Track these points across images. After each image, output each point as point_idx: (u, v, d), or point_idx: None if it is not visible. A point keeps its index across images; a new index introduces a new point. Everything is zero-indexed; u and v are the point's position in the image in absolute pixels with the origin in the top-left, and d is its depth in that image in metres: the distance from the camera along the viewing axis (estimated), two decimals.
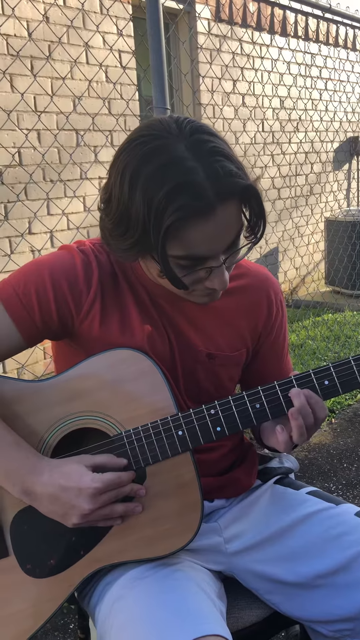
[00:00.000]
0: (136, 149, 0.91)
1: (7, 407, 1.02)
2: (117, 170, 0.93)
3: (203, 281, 0.98)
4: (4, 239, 3.36)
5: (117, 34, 3.90)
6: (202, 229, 0.90)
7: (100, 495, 0.96)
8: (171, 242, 0.91)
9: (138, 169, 0.90)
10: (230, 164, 0.91)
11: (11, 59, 3.29)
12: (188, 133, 0.91)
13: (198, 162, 0.88)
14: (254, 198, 0.94)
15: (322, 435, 3.14)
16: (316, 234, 6.23)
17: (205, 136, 0.91)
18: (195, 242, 0.92)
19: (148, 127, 0.94)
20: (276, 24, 5.45)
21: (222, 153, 0.91)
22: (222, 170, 0.89)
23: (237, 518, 1.17)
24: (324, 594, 1.06)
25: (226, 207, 0.91)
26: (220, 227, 0.92)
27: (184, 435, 1.01)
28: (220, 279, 0.97)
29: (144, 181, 0.89)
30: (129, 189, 0.91)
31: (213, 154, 0.90)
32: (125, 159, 0.92)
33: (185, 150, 0.89)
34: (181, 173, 0.88)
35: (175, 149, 0.89)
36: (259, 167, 5.20)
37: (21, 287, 1.03)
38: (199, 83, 4.63)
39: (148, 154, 0.90)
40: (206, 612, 0.92)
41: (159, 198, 0.87)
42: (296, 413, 0.98)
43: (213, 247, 0.94)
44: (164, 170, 0.88)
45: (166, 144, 0.90)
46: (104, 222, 0.98)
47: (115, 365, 1.03)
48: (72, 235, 3.71)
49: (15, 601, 1.02)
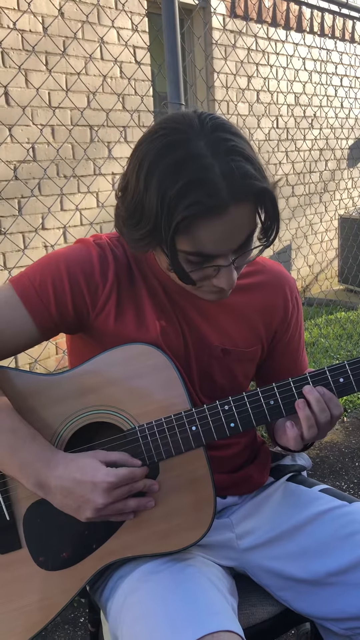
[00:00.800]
0: (156, 141, 0.91)
1: (22, 400, 1.03)
2: (136, 160, 0.93)
3: (211, 279, 0.98)
4: (17, 234, 3.38)
5: (132, 30, 3.89)
6: (212, 228, 0.90)
7: (114, 490, 0.96)
8: (181, 238, 0.91)
9: (155, 161, 0.90)
10: (249, 164, 0.90)
11: (26, 54, 3.30)
12: (209, 130, 0.90)
13: (215, 160, 0.88)
14: (269, 201, 0.94)
15: (334, 434, 3.13)
16: (330, 232, 6.19)
17: (227, 135, 0.91)
18: (205, 240, 0.91)
19: (171, 119, 0.93)
20: (292, 20, 5.41)
21: (241, 153, 0.90)
22: (239, 171, 0.88)
23: (250, 515, 1.17)
24: (336, 591, 1.06)
25: (239, 207, 0.90)
26: (231, 227, 0.91)
27: (197, 430, 1.01)
28: (228, 279, 0.97)
29: (160, 174, 0.89)
30: (144, 180, 0.91)
31: (232, 153, 0.89)
32: (144, 149, 0.92)
33: (205, 147, 0.89)
34: (197, 170, 0.87)
35: (194, 144, 0.89)
36: (273, 163, 5.18)
37: (37, 279, 1.03)
38: (213, 79, 4.61)
39: (167, 147, 0.90)
40: (218, 607, 0.92)
41: (173, 192, 0.87)
42: (302, 404, 0.98)
43: (222, 247, 0.93)
44: (181, 165, 0.88)
45: (186, 139, 0.89)
46: (119, 210, 0.99)
47: (129, 360, 1.03)
48: (85, 230, 3.71)
49: (28, 593, 1.03)
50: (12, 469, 0.98)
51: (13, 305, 1.02)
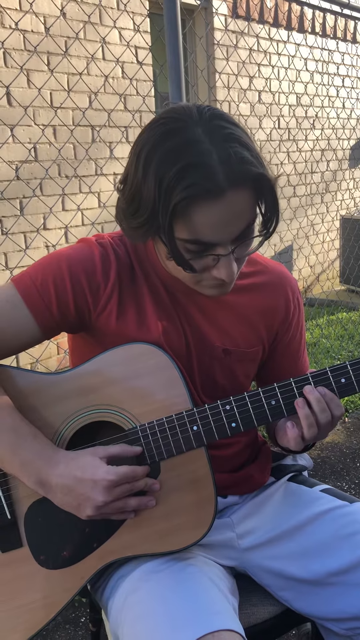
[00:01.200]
0: (155, 130, 0.92)
1: (23, 399, 1.03)
2: (135, 150, 0.94)
3: (210, 269, 0.97)
4: (19, 234, 3.38)
5: (133, 30, 3.89)
6: (209, 212, 0.90)
7: (115, 488, 0.96)
8: (179, 223, 0.91)
9: (153, 148, 0.91)
10: (246, 151, 0.91)
11: (28, 54, 3.31)
12: (207, 119, 0.91)
13: (213, 146, 0.89)
14: (267, 189, 0.94)
15: (335, 434, 3.13)
16: (331, 232, 6.19)
17: (224, 123, 0.92)
18: (202, 226, 0.91)
19: (171, 110, 0.95)
20: (294, 20, 5.41)
21: (238, 140, 0.91)
22: (236, 156, 0.89)
23: (250, 514, 1.17)
24: (337, 591, 1.06)
25: (237, 192, 0.90)
26: (228, 213, 0.91)
27: (198, 430, 1.01)
28: (228, 269, 0.96)
29: (158, 160, 0.90)
30: (143, 167, 0.91)
31: (229, 140, 0.90)
32: (143, 139, 0.93)
33: (202, 134, 0.89)
34: (194, 154, 0.88)
35: (192, 131, 0.90)
36: (275, 164, 5.17)
37: (39, 278, 1.03)
38: (215, 79, 4.61)
39: (165, 135, 0.91)
40: (219, 606, 0.92)
41: (170, 176, 0.88)
42: (302, 403, 0.98)
43: (221, 233, 0.93)
44: (178, 151, 0.89)
45: (184, 127, 0.90)
46: (119, 201, 0.99)
47: (131, 360, 1.03)
48: (86, 230, 3.72)
49: (29, 592, 1.03)
50: (13, 468, 0.98)
51: (15, 305, 1.03)
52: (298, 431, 1.00)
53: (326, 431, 1.01)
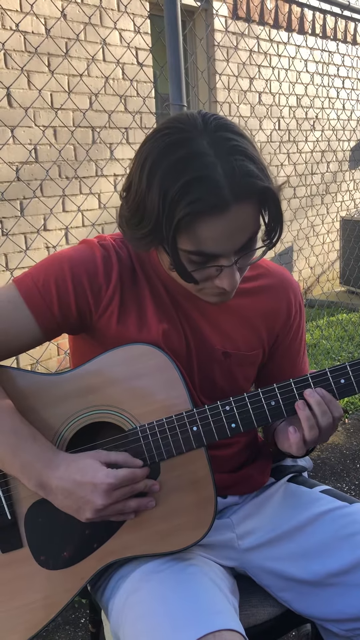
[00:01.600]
0: (159, 140, 0.92)
1: (24, 400, 1.03)
2: (139, 159, 0.94)
3: (213, 279, 0.98)
4: (19, 235, 3.38)
5: (134, 31, 3.90)
6: (213, 226, 0.90)
7: (114, 491, 0.96)
8: (182, 236, 0.91)
9: (158, 159, 0.90)
10: (252, 164, 0.90)
11: (28, 55, 3.31)
12: (212, 129, 0.90)
13: (218, 159, 0.88)
14: (272, 201, 0.94)
15: (335, 436, 3.13)
16: (331, 233, 6.19)
17: (230, 134, 0.91)
18: (206, 239, 0.91)
19: (175, 119, 0.94)
20: (294, 22, 5.42)
21: (244, 153, 0.90)
22: (241, 170, 0.88)
23: (250, 515, 1.17)
24: (337, 592, 1.06)
25: (241, 206, 0.90)
26: (233, 227, 0.91)
27: (198, 431, 1.01)
28: (230, 279, 0.96)
29: (162, 172, 0.89)
30: (147, 178, 0.91)
31: (234, 152, 0.89)
32: (147, 149, 0.93)
33: (207, 146, 0.89)
34: (199, 168, 0.88)
35: (196, 143, 0.89)
36: (275, 165, 5.18)
37: (41, 279, 1.03)
38: (215, 80, 4.62)
39: (169, 146, 0.90)
40: (220, 606, 0.92)
41: (174, 190, 0.88)
42: (302, 405, 0.99)
43: (224, 246, 0.93)
44: (183, 164, 0.88)
45: (188, 138, 0.90)
46: (123, 210, 0.99)
47: (131, 360, 1.03)
48: (87, 232, 3.72)
49: (29, 592, 1.03)
50: (14, 469, 0.98)
51: (16, 305, 1.03)
52: (300, 435, 1.00)
53: (328, 434, 1.01)
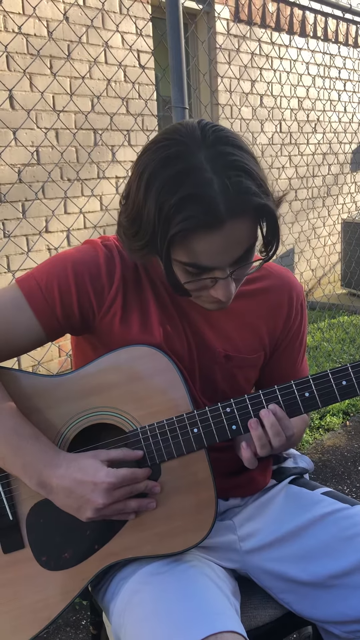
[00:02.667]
0: (157, 152, 0.91)
1: (26, 401, 1.03)
2: (137, 170, 0.93)
3: (208, 289, 0.98)
4: (21, 237, 3.39)
5: (136, 34, 3.91)
6: (207, 242, 0.90)
7: (115, 491, 0.96)
8: (177, 249, 0.92)
9: (155, 172, 0.90)
10: (249, 180, 0.89)
11: (31, 58, 3.32)
12: (211, 143, 0.89)
13: (214, 175, 0.87)
14: (268, 217, 0.93)
15: (337, 438, 3.12)
16: (333, 235, 6.19)
17: (229, 148, 0.90)
18: (201, 253, 0.91)
19: (173, 131, 0.93)
20: (295, 25, 5.43)
21: (242, 168, 0.89)
22: (238, 186, 0.87)
23: (252, 517, 1.17)
24: (338, 594, 1.06)
25: (236, 223, 0.90)
26: (227, 242, 0.91)
27: (199, 432, 1.01)
28: (225, 291, 0.96)
29: (159, 186, 0.89)
30: (144, 191, 0.91)
31: (232, 168, 0.88)
32: (145, 160, 0.92)
33: (204, 160, 0.88)
34: (195, 184, 0.87)
35: (194, 157, 0.88)
36: (277, 167, 5.19)
37: (44, 280, 1.03)
38: (217, 83, 4.63)
39: (167, 159, 0.89)
40: (222, 608, 0.92)
41: (170, 205, 0.87)
42: (255, 423, 0.99)
43: (219, 260, 0.93)
44: (179, 178, 0.88)
45: (186, 152, 0.89)
46: (121, 218, 0.99)
47: (132, 362, 1.03)
48: (88, 234, 3.72)
49: (30, 593, 1.03)
50: (16, 469, 0.99)
51: (19, 306, 1.03)
52: (251, 452, 1.01)
53: (281, 450, 1.02)
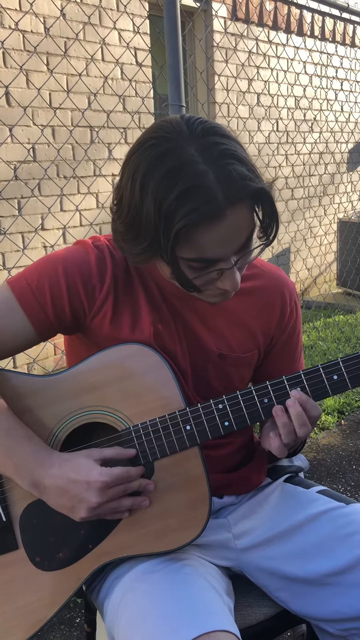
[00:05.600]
0: (147, 152, 0.91)
1: (18, 401, 1.03)
2: (129, 172, 0.93)
3: (215, 282, 0.98)
4: (17, 234, 3.38)
5: (133, 32, 3.90)
6: (212, 233, 0.90)
7: (108, 490, 0.96)
8: (181, 246, 0.91)
9: (148, 172, 0.89)
10: (242, 166, 0.90)
11: (27, 54, 3.31)
12: (199, 135, 0.90)
13: (208, 165, 0.88)
14: (265, 200, 0.94)
15: (331, 437, 3.13)
16: (329, 235, 6.20)
17: (217, 138, 0.90)
18: (206, 246, 0.91)
19: (159, 128, 0.93)
20: (293, 23, 5.42)
21: (233, 155, 0.90)
22: (233, 174, 0.88)
23: (247, 515, 1.17)
24: (333, 592, 1.06)
25: (236, 210, 0.90)
26: (230, 230, 0.92)
27: (191, 430, 1.01)
28: (232, 280, 0.97)
29: (154, 185, 0.89)
30: (140, 192, 0.90)
31: (224, 156, 0.89)
32: (135, 161, 0.92)
33: (196, 153, 0.88)
34: (191, 177, 0.87)
35: (185, 152, 0.88)
36: (273, 166, 5.18)
37: (35, 281, 1.03)
38: (214, 81, 4.62)
39: (158, 158, 0.89)
40: (215, 607, 0.92)
41: (169, 202, 0.87)
42: (281, 411, 0.99)
43: (224, 250, 0.93)
44: (174, 174, 0.88)
45: (176, 147, 0.89)
46: (116, 224, 0.98)
47: (123, 360, 1.03)
48: (85, 231, 3.72)
49: (25, 594, 1.03)
50: (8, 470, 0.98)
51: (10, 307, 1.03)
52: (279, 441, 1.00)
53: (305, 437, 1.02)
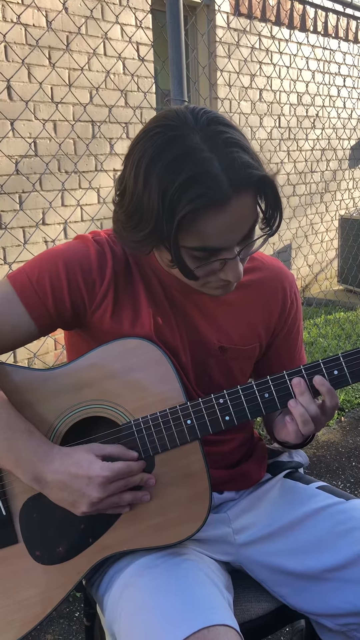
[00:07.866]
0: (151, 140, 0.91)
1: (19, 395, 1.03)
2: (132, 161, 0.93)
3: (217, 273, 0.98)
4: (18, 229, 3.38)
5: (135, 26, 3.88)
6: (216, 220, 0.90)
7: (110, 484, 0.96)
8: (185, 233, 0.91)
9: (153, 159, 0.89)
10: (246, 155, 0.90)
11: (29, 48, 3.30)
12: (204, 124, 0.90)
13: (213, 153, 0.88)
14: (269, 189, 0.94)
15: (331, 433, 3.13)
16: (330, 232, 6.19)
17: (221, 127, 0.91)
18: (209, 233, 0.91)
19: (164, 117, 0.93)
20: (296, 19, 5.40)
21: (237, 144, 0.90)
22: (238, 161, 0.89)
23: (247, 510, 1.17)
24: (332, 587, 1.06)
25: (241, 198, 0.90)
26: (234, 219, 0.91)
27: (192, 424, 1.01)
28: (235, 271, 0.97)
29: (159, 172, 0.88)
30: (143, 179, 0.90)
31: (228, 145, 0.89)
32: (140, 150, 0.92)
33: (201, 141, 0.88)
34: (196, 164, 0.87)
35: (190, 140, 0.89)
36: (275, 162, 5.17)
37: (35, 275, 1.03)
38: (216, 76, 4.61)
39: (163, 145, 0.89)
40: (214, 602, 0.92)
41: (173, 189, 0.87)
42: (294, 402, 0.99)
43: (227, 239, 0.93)
44: (179, 162, 0.88)
45: (181, 135, 0.89)
46: (117, 215, 0.98)
47: (124, 354, 1.03)
48: (86, 226, 3.71)
49: (25, 588, 1.03)
50: (9, 464, 0.98)
51: (10, 301, 1.03)
52: (296, 425, 1.01)
53: (323, 424, 1.02)
